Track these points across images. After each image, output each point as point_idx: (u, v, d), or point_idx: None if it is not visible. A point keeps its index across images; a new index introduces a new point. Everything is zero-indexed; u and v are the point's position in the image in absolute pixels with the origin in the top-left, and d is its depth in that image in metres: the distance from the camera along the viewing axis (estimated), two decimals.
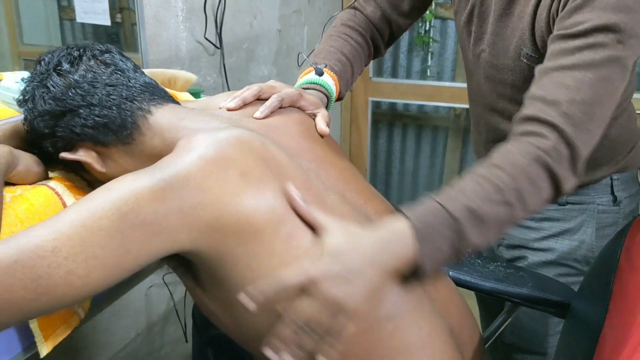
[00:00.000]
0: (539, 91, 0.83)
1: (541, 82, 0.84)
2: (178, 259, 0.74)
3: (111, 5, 1.49)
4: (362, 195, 0.86)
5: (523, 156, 0.78)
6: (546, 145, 0.78)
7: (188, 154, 0.72)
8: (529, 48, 0.96)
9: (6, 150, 0.78)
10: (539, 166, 0.78)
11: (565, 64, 0.82)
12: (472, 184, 0.77)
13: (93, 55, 0.84)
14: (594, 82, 0.81)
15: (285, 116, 0.89)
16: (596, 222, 1.12)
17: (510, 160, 0.78)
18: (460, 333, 0.86)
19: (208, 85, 1.79)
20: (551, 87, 0.82)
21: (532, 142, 0.79)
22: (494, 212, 0.75)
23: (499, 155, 0.80)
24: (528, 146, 0.79)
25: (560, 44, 0.85)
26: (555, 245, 1.14)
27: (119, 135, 0.80)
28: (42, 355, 0.81)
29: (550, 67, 0.84)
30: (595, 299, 0.81)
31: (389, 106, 2.93)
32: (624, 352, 0.68)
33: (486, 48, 1.04)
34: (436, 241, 0.73)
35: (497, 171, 0.77)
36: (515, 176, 0.77)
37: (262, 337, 0.74)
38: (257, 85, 0.91)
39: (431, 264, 0.73)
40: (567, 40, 0.84)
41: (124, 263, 0.65)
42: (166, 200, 0.66)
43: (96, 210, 0.65)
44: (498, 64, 1.03)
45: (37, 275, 0.61)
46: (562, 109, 0.79)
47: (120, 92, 0.81)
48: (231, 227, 0.69)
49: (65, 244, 0.62)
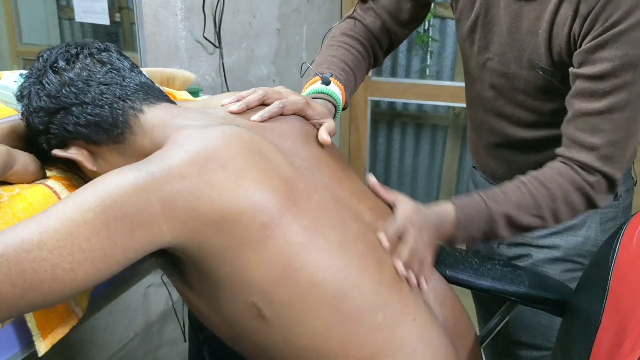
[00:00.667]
0: (579, 135, 0.91)
1: (579, 124, 0.91)
2: (166, 256, 0.75)
3: (110, 4, 1.49)
4: (355, 195, 0.86)
5: (569, 183, 0.91)
6: (590, 180, 0.91)
7: (173, 148, 0.73)
8: (544, 62, 0.97)
9: (3, 149, 0.78)
10: (580, 195, 0.92)
11: (599, 108, 0.88)
12: (517, 193, 0.92)
13: (90, 53, 0.84)
14: (628, 119, 0.89)
15: (284, 121, 0.88)
16: (599, 217, 1.14)
17: (557, 183, 0.91)
18: (454, 327, 0.87)
19: (207, 84, 1.79)
20: (589, 132, 0.90)
21: (579, 172, 0.91)
22: (527, 221, 0.91)
23: (548, 173, 0.93)
24: (575, 176, 0.91)
25: (590, 85, 0.88)
26: (560, 242, 1.15)
27: (110, 134, 0.81)
28: (40, 353, 0.81)
29: (585, 111, 0.90)
30: (592, 296, 0.82)
31: (388, 105, 2.93)
32: (622, 349, 0.69)
33: (494, 57, 1.05)
34: (472, 230, 0.91)
35: (542, 189, 0.91)
36: (556, 199, 0.91)
37: (247, 335, 0.75)
38: (263, 90, 0.90)
39: (463, 243, 0.92)
40: (596, 82, 0.88)
41: (111, 256, 0.66)
42: (148, 191, 0.67)
43: (82, 203, 0.65)
44: (508, 72, 1.04)
45: (22, 270, 0.61)
46: (601, 153, 0.90)
47: (114, 91, 0.81)
48: (207, 216, 0.69)
49: (51, 238, 0.63)
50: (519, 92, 1.04)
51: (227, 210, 0.70)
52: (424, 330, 0.78)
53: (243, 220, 0.70)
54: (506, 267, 1.05)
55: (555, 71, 0.96)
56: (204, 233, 0.70)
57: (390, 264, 0.80)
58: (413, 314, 0.78)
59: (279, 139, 0.83)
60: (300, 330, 0.73)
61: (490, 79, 1.08)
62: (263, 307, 0.72)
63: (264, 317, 0.73)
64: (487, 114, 1.14)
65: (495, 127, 1.13)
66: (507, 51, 1.02)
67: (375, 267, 0.77)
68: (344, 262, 0.75)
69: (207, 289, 0.75)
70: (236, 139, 0.75)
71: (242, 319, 0.74)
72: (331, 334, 0.73)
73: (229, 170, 0.71)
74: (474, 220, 0.91)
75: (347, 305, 0.73)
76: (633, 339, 0.67)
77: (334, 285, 0.73)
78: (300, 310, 0.72)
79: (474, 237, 0.92)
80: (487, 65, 1.07)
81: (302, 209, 0.74)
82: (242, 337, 0.77)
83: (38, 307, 0.66)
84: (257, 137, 0.78)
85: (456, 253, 1.09)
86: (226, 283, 0.72)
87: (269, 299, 0.72)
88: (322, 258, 0.73)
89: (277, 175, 0.74)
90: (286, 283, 0.71)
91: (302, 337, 0.73)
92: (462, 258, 1.07)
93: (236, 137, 0.75)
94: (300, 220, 0.73)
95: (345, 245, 0.76)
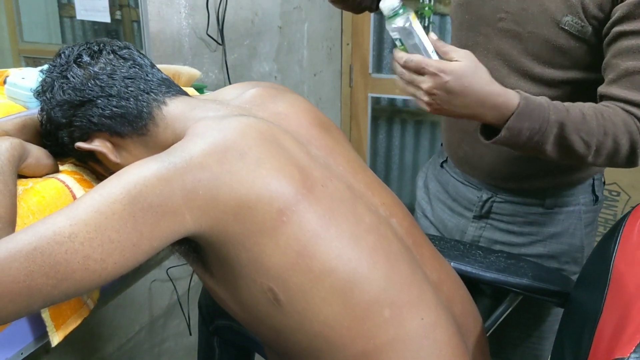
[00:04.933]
0: (626, 94, 0.90)
1: (625, 83, 0.90)
2: (188, 244, 0.77)
3: (111, 2, 1.49)
4: (369, 187, 0.88)
5: (624, 124, 0.89)
6: (638, 126, 0.89)
7: (193, 139, 0.75)
8: (575, 14, 0.93)
9: (17, 142, 0.80)
10: (629, 139, 0.89)
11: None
12: (579, 114, 0.88)
13: (112, 50, 0.86)
14: None
15: (296, 106, 0.91)
16: (583, 222, 1.13)
17: (614, 120, 0.89)
18: (464, 322, 0.88)
19: (210, 81, 1.80)
20: (635, 89, 0.89)
21: (633, 117, 0.89)
22: (576, 141, 0.88)
23: (609, 110, 0.90)
24: (631, 120, 0.89)
25: (637, 41, 0.87)
26: (543, 250, 1.14)
27: (135, 125, 0.83)
28: (53, 344, 0.83)
29: (634, 69, 0.88)
30: (593, 288, 0.83)
31: (388, 102, 2.94)
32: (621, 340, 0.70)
33: (507, 16, 1.00)
34: (524, 126, 0.87)
35: (601, 119, 0.88)
36: (608, 133, 0.88)
37: (263, 319, 0.77)
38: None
39: (508, 137, 0.88)
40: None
41: (138, 246, 0.68)
42: (171, 181, 0.69)
43: (109, 195, 0.67)
44: (523, 33, 0.99)
45: (55, 262, 0.63)
46: None
47: (138, 85, 0.84)
48: (227, 204, 0.71)
49: (81, 230, 0.65)
50: (529, 57, 1.00)
51: (246, 198, 0.71)
52: (431, 329, 0.78)
53: (260, 207, 0.72)
54: (510, 259, 1.06)
55: (584, 27, 0.92)
56: (225, 221, 0.71)
57: (402, 262, 0.80)
58: (421, 313, 0.78)
59: (294, 126, 0.85)
60: (312, 316, 0.75)
61: (496, 44, 1.03)
62: (278, 292, 0.74)
63: (279, 301, 0.74)
64: None
65: None
66: (529, 6, 0.97)
67: (385, 262, 0.78)
68: (355, 253, 0.76)
69: (226, 274, 0.77)
70: (253, 128, 0.77)
71: (258, 303, 0.76)
72: (340, 323, 0.75)
73: (247, 159, 0.73)
74: (533, 114, 0.86)
75: (356, 297, 0.75)
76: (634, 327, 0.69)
77: (344, 274, 0.74)
78: (313, 297, 0.74)
79: (522, 134, 0.87)
80: (498, 26, 1.02)
81: (317, 196, 0.75)
82: (259, 322, 0.79)
83: (71, 296, 0.68)
84: (274, 127, 0.80)
85: (460, 246, 1.11)
86: (244, 268, 0.74)
87: (284, 284, 0.74)
88: (334, 247, 0.75)
89: (293, 163, 0.76)
90: (300, 269, 0.73)
91: (313, 323, 0.75)
92: (467, 250, 1.09)
93: (253, 127, 0.77)
94: (315, 207, 0.75)
95: (357, 236, 0.77)
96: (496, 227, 1.16)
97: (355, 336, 0.75)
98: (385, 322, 0.76)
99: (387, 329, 0.76)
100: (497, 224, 1.16)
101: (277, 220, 0.72)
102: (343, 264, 0.75)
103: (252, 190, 0.72)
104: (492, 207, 1.15)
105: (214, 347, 1.18)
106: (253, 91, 0.91)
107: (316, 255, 0.74)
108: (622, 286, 0.77)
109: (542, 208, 1.12)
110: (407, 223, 0.88)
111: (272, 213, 0.72)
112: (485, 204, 1.15)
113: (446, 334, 0.80)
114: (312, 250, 0.73)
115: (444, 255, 1.02)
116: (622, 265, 0.79)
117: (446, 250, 1.07)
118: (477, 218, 1.17)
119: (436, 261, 0.89)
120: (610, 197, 2.42)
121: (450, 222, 1.23)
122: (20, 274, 0.61)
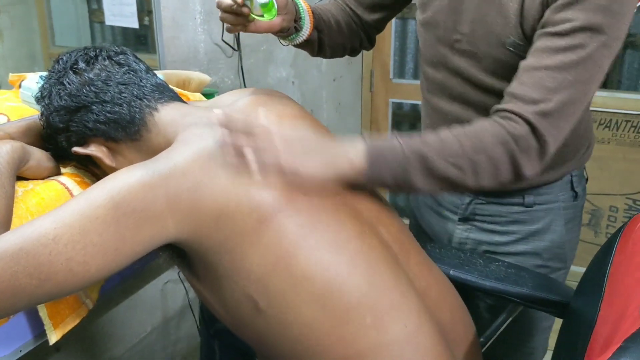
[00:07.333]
0: (519, 89, 0.87)
1: (522, 79, 0.87)
2: (172, 250, 0.79)
3: (139, 8, 1.53)
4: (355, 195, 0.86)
5: (492, 136, 0.84)
6: (516, 132, 0.84)
7: (179, 146, 0.77)
8: (515, 36, 0.95)
9: (18, 145, 0.82)
10: (504, 150, 0.84)
11: (548, 64, 0.85)
12: (436, 140, 0.85)
13: (108, 56, 0.88)
14: (572, 83, 0.85)
15: (287, 113, 0.92)
16: (563, 219, 1.13)
17: (480, 136, 0.85)
18: (453, 329, 0.87)
19: (226, 86, 1.82)
20: (532, 86, 0.86)
21: (505, 125, 0.85)
22: (444, 169, 0.83)
23: (473, 128, 0.86)
24: (500, 129, 0.85)
25: (545, 42, 0.87)
26: (525, 247, 1.14)
27: (128, 131, 0.85)
28: (51, 342, 0.85)
29: (532, 66, 0.87)
30: (589, 299, 0.82)
31: (410, 107, 2.93)
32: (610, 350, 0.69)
33: (462, 38, 1.02)
34: (383, 170, 0.82)
35: (464, 139, 0.84)
36: (477, 150, 0.84)
37: (247, 323, 0.78)
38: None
39: (374, 185, 0.86)
40: (553, 39, 0.86)
41: (121, 249, 0.70)
42: (154, 188, 0.71)
43: (94, 200, 0.69)
44: (478, 53, 1.01)
45: (39, 263, 0.65)
46: (539, 108, 0.84)
47: (132, 91, 0.86)
48: (208, 210, 0.73)
49: (65, 232, 0.67)
50: (488, 74, 1.01)
51: (225, 205, 0.73)
52: (414, 335, 0.78)
53: (239, 215, 0.73)
54: (510, 269, 1.05)
55: (526, 46, 0.93)
56: (206, 227, 0.73)
57: (384, 268, 0.80)
58: (404, 320, 0.78)
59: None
60: (292, 320, 0.75)
61: (457, 63, 1.05)
62: (259, 298, 0.75)
63: (259, 309, 0.76)
64: (452, 104, 1.09)
65: (464, 118, 1.07)
66: (478, 29, 0.99)
67: (366, 268, 0.78)
68: (334, 260, 0.76)
69: (211, 278, 0.78)
70: None
71: (241, 306, 0.77)
72: (319, 328, 0.75)
73: (229, 167, 0.74)
74: (386, 158, 0.82)
75: (335, 303, 0.75)
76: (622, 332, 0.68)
77: (323, 280, 0.75)
78: (292, 300, 0.75)
79: (385, 179, 0.83)
80: (455, 47, 1.04)
81: (297, 207, 0.76)
82: (243, 325, 0.81)
83: (55, 296, 0.70)
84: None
85: (461, 254, 1.10)
86: (227, 272, 0.76)
87: (264, 288, 0.75)
88: (314, 254, 0.75)
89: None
90: (279, 273, 0.74)
91: (293, 327, 0.76)
92: (467, 259, 1.08)
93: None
94: (295, 218, 0.76)
95: (337, 244, 0.77)
96: (481, 228, 1.16)
97: (336, 341, 0.75)
98: (366, 328, 0.76)
99: (368, 334, 0.76)
100: (481, 225, 1.16)
101: (257, 228, 0.73)
102: (322, 270, 0.75)
103: (231, 198, 0.73)
104: (475, 209, 1.15)
105: (215, 350, 1.20)
106: (247, 98, 0.93)
107: (295, 261, 0.74)
108: (615, 297, 0.76)
109: (523, 207, 1.12)
110: (395, 229, 0.88)
111: (252, 221, 0.73)
112: (468, 207, 1.16)
113: (430, 341, 0.79)
114: (292, 256, 0.74)
115: (444, 263, 1.02)
116: (616, 275, 0.78)
117: (447, 259, 1.06)
118: (463, 220, 1.18)
119: (425, 267, 0.89)
120: (635, 207, 2.37)
121: (437, 225, 1.24)
122: (5, 273, 0.64)
